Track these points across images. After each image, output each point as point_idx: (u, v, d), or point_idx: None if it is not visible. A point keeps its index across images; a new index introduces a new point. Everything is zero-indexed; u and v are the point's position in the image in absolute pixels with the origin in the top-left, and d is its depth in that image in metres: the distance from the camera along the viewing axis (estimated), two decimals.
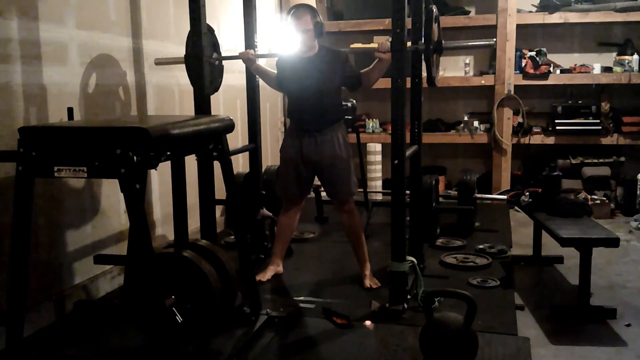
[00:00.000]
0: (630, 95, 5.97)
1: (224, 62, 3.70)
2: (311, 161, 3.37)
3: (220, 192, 2.99)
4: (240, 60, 3.55)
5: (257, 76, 3.89)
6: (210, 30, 3.52)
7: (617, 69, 5.79)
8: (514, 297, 3.26)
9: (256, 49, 3.87)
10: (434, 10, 3.28)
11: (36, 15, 2.87)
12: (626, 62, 5.75)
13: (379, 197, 5.78)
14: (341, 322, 2.88)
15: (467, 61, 6.29)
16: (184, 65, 3.49)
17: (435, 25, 3.30)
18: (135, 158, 2.06)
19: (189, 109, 3.82)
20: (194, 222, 3.19)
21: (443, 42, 3.31)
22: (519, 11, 5.88)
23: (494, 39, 3.61)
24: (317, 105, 3.31)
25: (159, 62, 3.62)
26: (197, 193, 3.02)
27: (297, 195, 3.52)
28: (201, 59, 3.27)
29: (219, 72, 3.67)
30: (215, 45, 3.60)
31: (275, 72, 3.54)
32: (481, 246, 4.10)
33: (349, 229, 3.49)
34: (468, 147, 6.50)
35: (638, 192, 5.41)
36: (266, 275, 3.53)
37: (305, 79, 3.31)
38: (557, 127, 5.88)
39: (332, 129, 3.34)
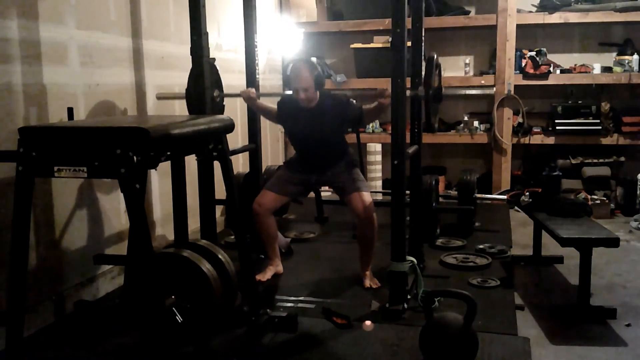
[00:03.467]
0: (630, 95, 5.97)
1: (225, 62, 3.70)
2: (320, 183, 3.59)
3: (220, 192, 2.99)
4: (241, 60, 3.56)
5: (257, 76, 3.90)
6: (213, 68, 3.50)
7: (617, 69, 5.79)
8: (514, 297, 3.26)
9: (256, 44, 3.87)
10: (435, 57, 3.36)
11: (36, 15, 2.87)
12: (626, 62, 5.75)
13: (379, 197, 5.78)
14: (341, 322, 2.88)
15: (467, 61, 6.29)
16: (184, 66, 3.49)
17: (436, 73, 3.39)
18: (135, 158, 2.06)
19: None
20: (194, 222, 3.19)
21: (443, 89, 3.39)
22: (519, 11, 5.88)
23: (494, 88, 3.68)
24: (322, 151, 3.44)
25: (161, 97, 3.67)
26: (197, 193, 3.02)
27: (282, 190, 3.50)
28: (201, 58, 3.27)
29: (219, 109, 3.62)
30: (217, 82, 3.60)
31: (276, 109, 3.60)
32: (481, 246, 4.10)
33: (363, 235, 3.38)
34: (468, 147, 6.50)
35: (638, 192, 5.41)
36: (266, 275, 3.54)
37: (309, 129, 3.39)
38: (557, 127, 5.88)
39: (338, 163, 3.43)
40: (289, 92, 3.48)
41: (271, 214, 3.52)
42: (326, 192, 5.47)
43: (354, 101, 3.46)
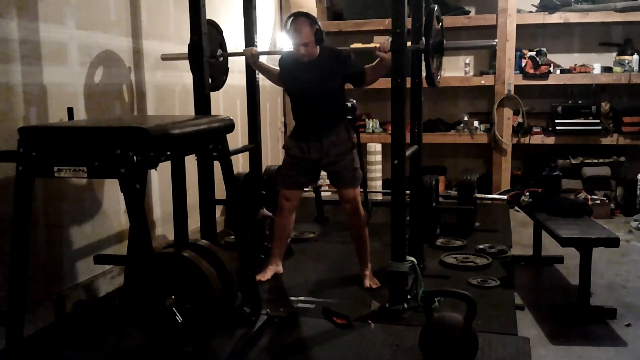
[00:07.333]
0: (630, 95, 5.97)
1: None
2: (316, 159, 3.40)
3: (220, 192, 2.99)
4: (241, 60, 3.56)
5: (257, 76, 3.90)
6: (217, 29, 3.53)
7: (617, 69, 5.79)
8: (514, 297, 3.26)
9: (256, 44, 3.87)
10: (436, 9, 3.28)
11: (36, 15, 2.87)
12: (626, 62, 5.76)
13: (379, 197, 5.78)
14: (341, 322, 2.88)
15: (467, 61, 6.29)
16: (184, 65, 3.49)
17: (437, 25, 3.29)
18: (135, 158, 2.06)
19: (189, 109, 3.83)
20: (194, 222, 3.19)
21: (445, 42, 3.30)
22: (519, 11, 5.89)
23: (495, 40, 3.60)
24: (321, 108, 3.34)
25: (166, 58, 3.66)
26: (197, 193, 3.02)
27: (295, 183, 3.49)
28: (201, 58, 3.27)
29: (223, 69, 3.67)
30: (221, 43, 3.62)
31: (278, 69, 3.54)
32: (481, 246, 4.09)
33: (352, 226, 3.46)
34: (468, 147, 6.50)
35: (638, 192, 5.41)
36: (266, 275, 3.54)
37: (308, 82, 3.31)
38: (557, 127, 5.88)
39: (337, 130, 3.36)
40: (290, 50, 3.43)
41: (293, 212, 3.55)
42: (326, 192, 5.49)
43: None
